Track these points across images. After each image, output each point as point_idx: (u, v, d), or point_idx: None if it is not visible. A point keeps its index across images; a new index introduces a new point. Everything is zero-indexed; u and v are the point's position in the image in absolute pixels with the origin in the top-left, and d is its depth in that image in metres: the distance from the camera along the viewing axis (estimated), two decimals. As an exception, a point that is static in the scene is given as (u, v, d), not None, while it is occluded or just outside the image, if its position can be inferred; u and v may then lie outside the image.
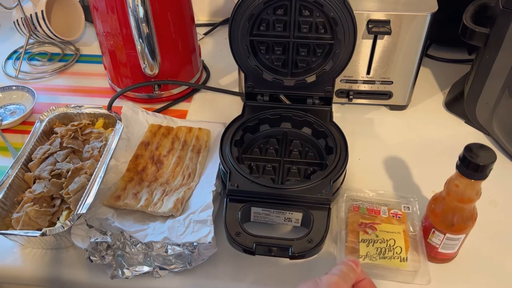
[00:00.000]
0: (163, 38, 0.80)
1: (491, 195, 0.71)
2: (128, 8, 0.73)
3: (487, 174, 0.52)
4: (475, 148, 0.52)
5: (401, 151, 0.79)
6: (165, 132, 0.78)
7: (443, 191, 0.57)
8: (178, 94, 0.90)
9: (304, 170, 0.68)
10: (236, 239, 0.58)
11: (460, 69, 0.93)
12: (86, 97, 0.93)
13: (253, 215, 0.62)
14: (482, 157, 0.51)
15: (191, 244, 0.59)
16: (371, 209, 0.66)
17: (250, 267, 0.62)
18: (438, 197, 0.59)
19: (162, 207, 0.66)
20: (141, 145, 0.75)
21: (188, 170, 0.72)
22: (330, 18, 0.65)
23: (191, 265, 0.60)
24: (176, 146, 0.75)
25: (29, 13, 0.98)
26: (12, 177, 0.68)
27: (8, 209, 0.66)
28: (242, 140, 0.71)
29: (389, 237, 0.62)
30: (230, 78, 0.96)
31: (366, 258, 0.61)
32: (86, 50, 1.06)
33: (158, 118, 0.81)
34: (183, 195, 0.67)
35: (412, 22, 0.73)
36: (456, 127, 0.83)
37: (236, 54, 0.70)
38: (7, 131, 0.85)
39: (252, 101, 0.75)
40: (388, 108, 0.87)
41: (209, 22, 1.12)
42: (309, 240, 0.57)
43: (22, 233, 0.61)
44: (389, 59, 0.78)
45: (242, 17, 0.66)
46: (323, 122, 0.71)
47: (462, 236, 0.58)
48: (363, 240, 0.62)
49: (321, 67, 0.70)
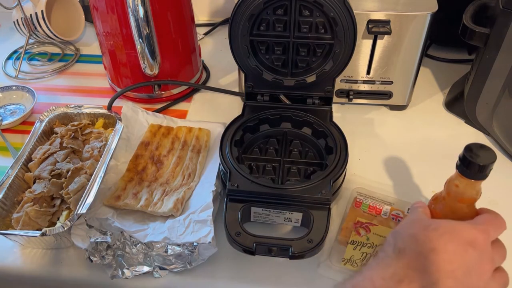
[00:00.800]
0: (163, 38, 0.80)
1: (491, 195, 0.70)
2: (128, 8, 0.73)
3: (487, 174, 0.51)
4: (475, 148, 0.51)
5: (401, 151, 0.79)
6: (165, 132, 0.78)
7: (443, 191, 0.57)
8: (178, 94, 0.90)
9: (304, 170, 0.68)
10: (236, 239, 0.58)
11: (460, 69, 0.93)
12: (86, 97, 0.93)
13: (253, 215, 0.62)
14: (482, 157, 0.51)
15: (191, 244, 0.59)
16: (373, 207, 0.66)
17: (250, 267, 0.62)
18: (438, 197, 0.59)
19: (162, 207, 0.66)
20: (141, 145, 0.75)
21: (188, 170, 0.72)
22: (330, 18, 0.65)
23: (191, 265, 0.60)
24: (176, 146, 0.75)
25: (29, 13, 0.98)
26: (12, 177, 0.68)
27: (8, 209, 0.66)
28: (242, 140, 0.71)
29: (379, 242, 0.62)
30: (230, 78, 0.96)
31: (348, 263, 0.61)
32: (86, 50, 1.06)
33: (158, 118, 0.81)
34: (183, 195, 0.67)
35: (412, 22, 0.73)
36: (456, 127, 0.83)
37: (236, 54, 0.70)
38: (7, 131, 0.85)
39: (252, 101, 0.75)
40: (388, 108, 0.87)
41: (209, 22, 1.12)
42: (309, 240, 0.57)
43: (22, 233, 0.61)
44: (389, 59, 0.78)
45: (242, 17, 0.66)
46: (323, 122, 0.71)
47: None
48: (352, 242, 0.62)
49: (321, 67, 0.70)
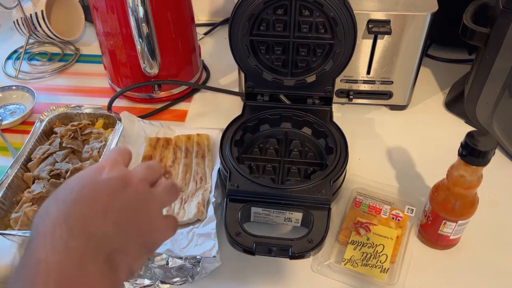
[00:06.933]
0: (163, 38, 0.80)
1: (491, 195, 0.71)
2: (128, 8, 0.72)
3: (489, 160, 0.52)
4: (477, 134, 0.52)
5: (401, 151, 0.79)
6: (165, 143, 0.76)
7: (444, 179, 0.58)
8: (178, 94, 0.90)
9: (304, 170, 0.68)
10: (236, 239, 0.58)
11: (460, 69, 0.93)
12: (86, 97, 0.93)
13: (253, 215, 0.62)
14: (484, 143, 0.52)
15: (193, 257, 0.58)
16: (373, 207, 0.66)
17: (250, 269, 0.62)
18: (440, 185, 0.60)
19: (186, 215, 0.64)
20: (144, 160, 0.73)
21: (199, 175, 0.71)
22: (330, 18, 0.65)
23: (193, 278, 0.59)
24: (179, 155, 0.75)
25: (29, 13, 0.98)
26: (12, 177, 0.68)
27: (7, 209, 0.66)
28: (242, 140, 0.70)
29: (379, 242, 0.62)
30: (230, 78, 0.96)
31: (349, 263, 0.61)
32: (86, 50, 1.06)
33: (155, 126, 0.80)
34: (203, 197, 0.66)
35: (412, 22, 0.73)
36: (456, 127, 0.83)
37: (236, 54, 0.70)
38: (7, 131, 0.85)
39: (252, 101, 0.75)
40: (388, 108, 0.87)
41: (209, 22, 1.12)
42: (309, 240, 0.57)
43: (20, 233, 0.61)
44: (389, 59, 0.78)
45: (242, 17, 0.66)
46: (323, 122, 0.71)
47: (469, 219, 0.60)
48: (352, 242, 0.62)
49: (321, 67, 0.70)
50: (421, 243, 0.65)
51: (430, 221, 0.61)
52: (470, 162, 0.53)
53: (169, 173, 0.72)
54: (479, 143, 0.51)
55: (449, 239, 0.62)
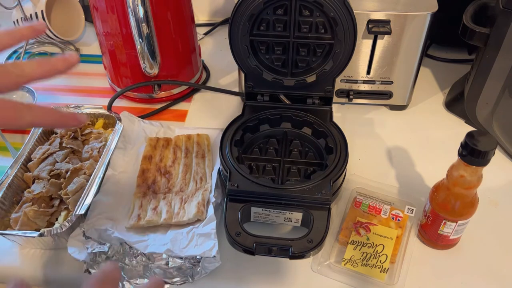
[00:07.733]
0: (163, 38, 0.80)
1: (491, 195, 0.71)
2: (128, 8, 0.72)
3: (489, 160, 0.52)
4: (477, 134, 0.52)
5: (401, 151, 0.79)
6: (165, 143, 0.76)
7: (444, 179, 0.58)
8: (178, 94, 0.90)
9: (304, 170, 0.68)
10: (236, 239, 0.57)
11: (460, 69, 0.93)
12: (86, 97, 0.93)
13: (253, 215, 0.62)
14: (484, 143, 0.52)
15: (193, 257, 0.58)
16: (373, 207, 0.66)
17: (250, 269, 0.62)
18: (439, 185, 0.60)
19: (186, 215, 0.64)
20: (144, 159, 0.73)
21: (199, 175, 0.71)
22: (330, 18, 0.65)
23: (193, 278, 0.59)
24: (179, 155, 0.74)
25: (29, 13, 0.98)
26: (11, 177, 0.68)
27: (7, 209, 0.66)
28: (242, 140, 0.70)
29: (379, 242, 0.62)
30: (230, 78, 0.96)
31: (349, 263, 0.61)
32: (86, 50, 1.06)
33: (155, 126, 0.80)
34: (203, 197, 0.66)
35: (412, 22, 0.73)
36: (456, 127, 0.83)
37: (236, 54, 0.70)
38: (7, 131, 0.84)
39: (252, 101, 0.75)
40: (388, 108, 0.87)
41: (209, 22, 1.12)
42: (309, 240, 0.57)
43: (20, 233, 0.61)
44: (389, 59, 0.78)
45: (242, 17, 0.66)
46: (323, 122, 0.71)
47: (469, 219, 0.60)
48: (352, 242, 0.62)
49: (321, 67, 0.70)
50: (421, 243, 0.65)
51: (430, 221, 0.61)
52: (470, 162, 0.53)
53: (169, 173, 0.72)
54: (479, 143, 0.51)
55: (449, 239, 0.62)
